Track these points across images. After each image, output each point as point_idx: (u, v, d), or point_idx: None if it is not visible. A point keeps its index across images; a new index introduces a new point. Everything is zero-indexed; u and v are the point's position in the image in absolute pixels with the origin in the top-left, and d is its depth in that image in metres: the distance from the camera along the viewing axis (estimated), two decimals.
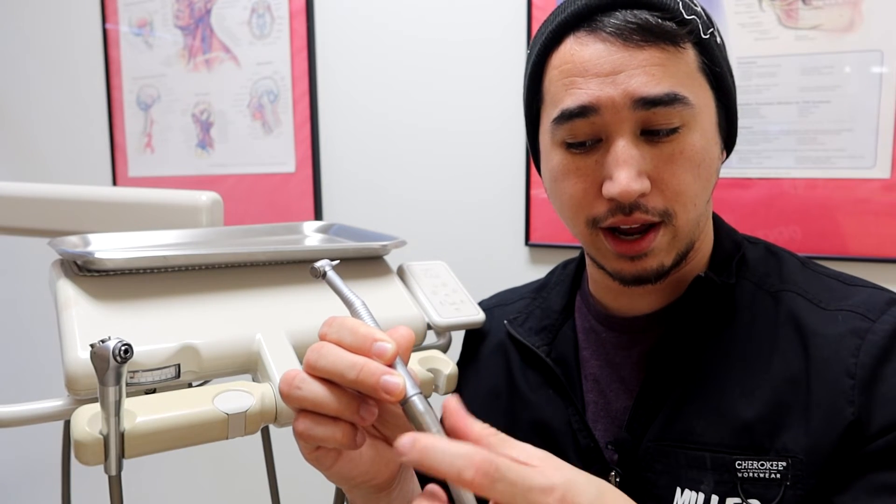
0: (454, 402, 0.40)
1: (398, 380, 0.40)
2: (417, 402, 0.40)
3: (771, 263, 0.63)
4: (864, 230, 0.99)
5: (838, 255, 1.01)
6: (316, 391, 0.42)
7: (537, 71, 0.59)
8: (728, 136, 0.62)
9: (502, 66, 1.23)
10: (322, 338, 0.44)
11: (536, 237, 1.22)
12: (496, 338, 0.74)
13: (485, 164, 1.26)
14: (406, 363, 0.43)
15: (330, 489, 0.94)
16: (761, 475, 0.53)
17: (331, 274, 0.47)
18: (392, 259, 0.75)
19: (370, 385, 0.40)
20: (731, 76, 0.61)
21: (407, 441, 0.35)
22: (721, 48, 0.59)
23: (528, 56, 0.62)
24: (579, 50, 0.55)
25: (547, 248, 1.22)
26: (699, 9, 0.57)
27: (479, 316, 0.74)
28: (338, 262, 0.48)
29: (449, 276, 0.78)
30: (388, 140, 1.35)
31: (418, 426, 0.40)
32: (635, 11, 0.54)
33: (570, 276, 0.72)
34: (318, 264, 0.47)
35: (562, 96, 0.56)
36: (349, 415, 0.43)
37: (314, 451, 0.46)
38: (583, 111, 0.54)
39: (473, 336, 0.77)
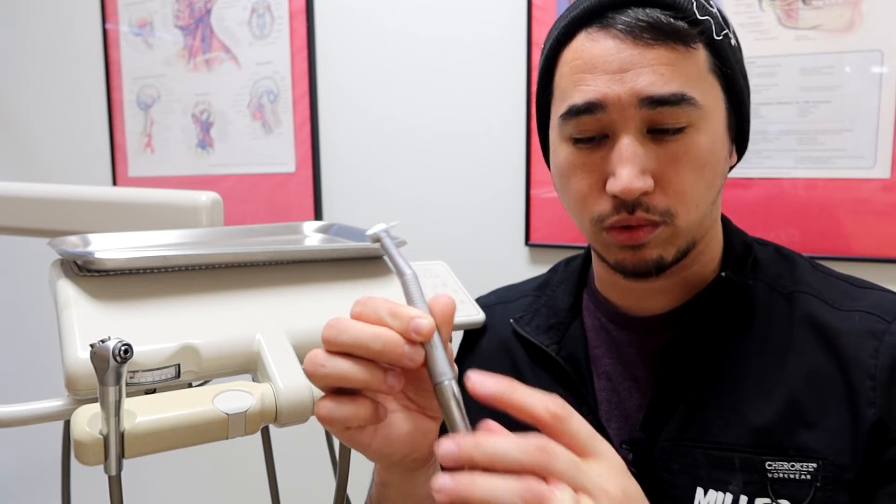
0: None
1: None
2: (449, 386, 0.39)
3: (782, 265, 0.63)
4: (865, 230, 0.99)
5: (838, 255, 1.01)
6: (342, 365, 0.41)
7: (549, 66, 0.60)
8: (740, 138, 0.62)
9: (502, 67, 1.23)
10: (356, 317, 0.42)
11: (536, 237, 1.22)
12: (499, 336, 0.73)
13: (485, 164, 1.26)
14: (448, 339, 0.41)
15: (330, 489, 0.93)
16: (792, 476, 0.53)
17: (387, 241, 0.45)
18: None
19: (396, 348, 0.39)
20: (745, 79, 0.60)
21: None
22: (736, 50, 0.59)
23: (542, 51, 0.62)
24: (590, 46, 0.55)
25: (547, 248, 1.22)
26: (715, 10, 0.56)
27: (479, 316, 0.74)
28: (396, 223, 0.47)
29: (449, 276, 0.78)
30: (388, 140, 1.35)
31: (446, 412, 0.39)
32: (647, 10, 0.54)
33: (576, 274, 0.72)
34: (373, 229, 0.45)
35: (570, 92, 0.56)
36: (377, 384, 0.41)
37: (345, 432, 0.44)
38: (589, 108, 0.55)
39: (473, 333, 0.77)
